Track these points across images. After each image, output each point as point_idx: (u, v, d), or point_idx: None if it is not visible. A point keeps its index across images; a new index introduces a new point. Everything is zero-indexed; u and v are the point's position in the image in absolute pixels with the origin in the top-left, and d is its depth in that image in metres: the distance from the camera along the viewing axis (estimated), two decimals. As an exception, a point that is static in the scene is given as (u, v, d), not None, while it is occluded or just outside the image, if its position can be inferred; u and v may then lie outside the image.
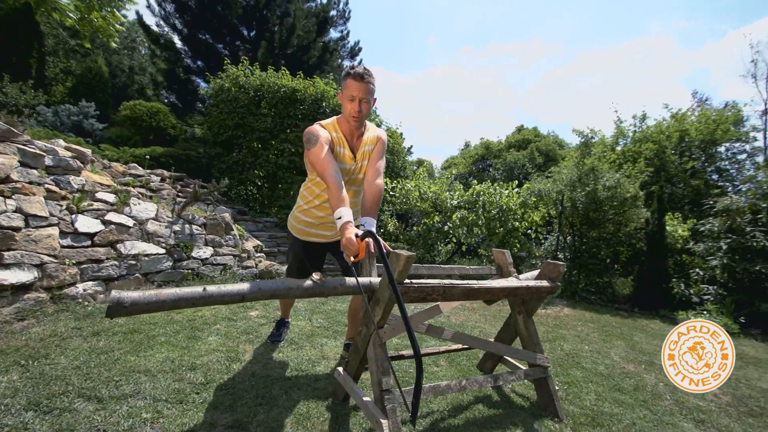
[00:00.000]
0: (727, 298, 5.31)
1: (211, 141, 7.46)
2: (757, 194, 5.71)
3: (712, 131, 10.27)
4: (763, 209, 5.50)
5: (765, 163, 10.38)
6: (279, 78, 7.52)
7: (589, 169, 6.88)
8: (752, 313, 5.03)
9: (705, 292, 5.66)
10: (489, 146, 27.06)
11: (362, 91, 1.90)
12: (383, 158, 2.11)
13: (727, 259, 5.49)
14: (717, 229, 5.83)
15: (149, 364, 2.12)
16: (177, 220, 4.48)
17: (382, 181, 2.05)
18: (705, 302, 5.47)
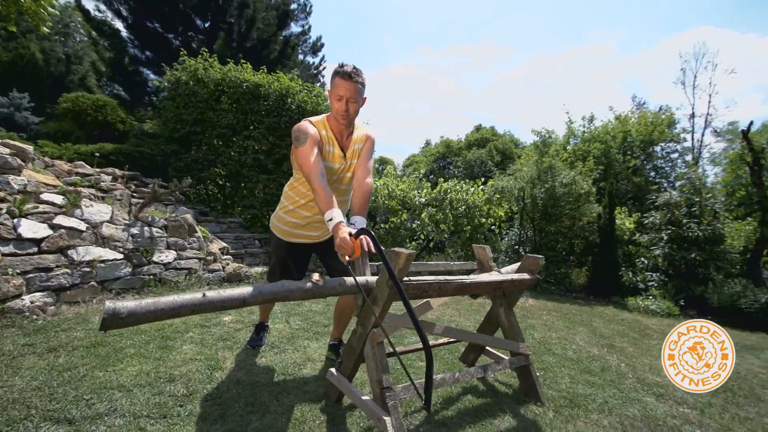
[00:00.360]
0: (668, 283, 5.89)
1: (167, 137, 6.98)
2: (691, 190, 6.38)
3: (650, 132, 11.30)
4: (696, 203, 6.15)
5: (693, 162, 11.61)
6: (241, 72, 7.20)
7: (547, 167, 7.30)
8: (689, 296, 5.62)
9: (649, 278, 6.23)
10: (449, 144, 27.77)
11: (350, 90, 1.88)
12: (372, 157, 2.10)
13: (668, 248, 6.08)
14: (659, 222, 6.44)
15: (122, 379, 1.96)
16: (135, 223, 4.17)
17: (372, 179, 2.04)
18: (650, 288, 6.02)
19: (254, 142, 7.21)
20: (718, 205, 6.26)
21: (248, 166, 7.21)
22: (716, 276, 5.93)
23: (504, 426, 1.88)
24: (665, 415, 2.19)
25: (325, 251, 2.32)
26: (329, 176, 2.00)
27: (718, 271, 6.04)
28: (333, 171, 2.01)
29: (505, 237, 9.36)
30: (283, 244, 2.29)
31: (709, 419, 2.19)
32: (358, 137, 2.07)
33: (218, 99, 7.04)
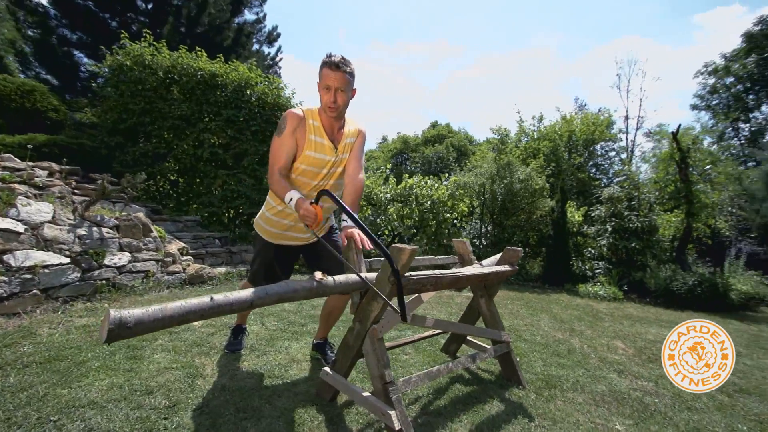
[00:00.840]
0: (613, 270, 6.48)
1: (110, 128, 6.35)
2: (631, 185, 7.05)
3: (591, 132, 12.29)
4: (635, 197, 6.82)
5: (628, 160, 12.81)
6: (194, 60, 6.73)
7: (505, 164, 7.67)
8: (630, 282, 6.23)
9: (596, 267, 6.81)
10: (407, 141, 28.18)
11: (338, 80, 1.84)
12: (363, 152, 2.08)
13: (612, 238, 6.69)
14: (604, 215, 7.05)
15: (91, 395, 1.78)
16: (81, 223, 3.77)
17: (364, 175, 2.02)
18: (597, 275, 6.59)
19: (211, 136, 6.81)
20: (652, 198, 6.99)
21: (204, 160, 6.80)
22: (652, 262, 6.64)
23: (494, 410, 1.97)
24: (628, 388, 2.42)
25: (313, 254, 2.25)
26: (319, 170, 1.96)
27: (653, 258, 6.75)
28: (324, 164, 1.96)
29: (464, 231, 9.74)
30: (271, 246, 2.20)
31: (663, 389, 2.46)
32: (350, 131, 2.02)
33: (169, 88, 6.54)
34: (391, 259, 1.48)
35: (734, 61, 18.05)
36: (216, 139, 6.89)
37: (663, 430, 1.94)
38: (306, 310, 3.70)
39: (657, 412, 2.12)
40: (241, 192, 6.75)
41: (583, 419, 1.96)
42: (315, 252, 2.23)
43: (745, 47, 17.61)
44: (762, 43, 16.97)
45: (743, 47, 17.73)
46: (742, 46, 17.78)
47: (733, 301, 5.66)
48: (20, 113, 6.30)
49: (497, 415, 1.93)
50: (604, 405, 2.16)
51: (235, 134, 6.80)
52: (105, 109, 6.37)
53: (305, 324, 3.26)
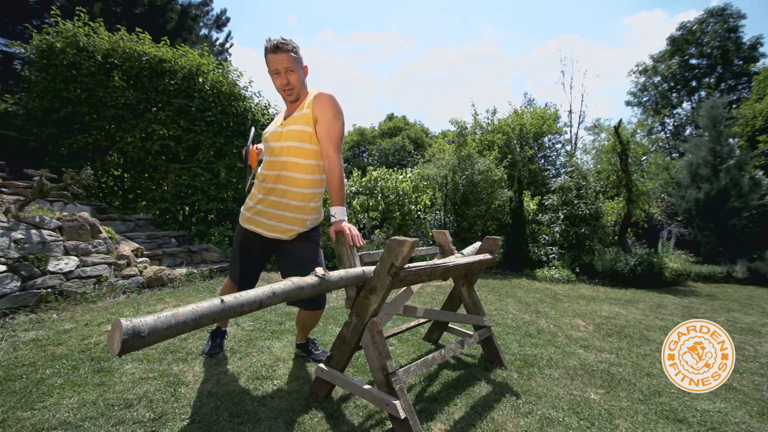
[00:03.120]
0: (565, 255, 6.99)
1: (40, 118, 5.63)
2: (579, 175, 7.61)
3: (540, 125, 13.05)
4: (583, 186, 7.38)
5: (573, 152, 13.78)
6: (138, 43, 6.16)
7: (466, 156, 7.93)
8: (581, 265, 6.76)
9: (550, 252, 7.30)
10: (363, 133, 28.05)
11: (284, 61, 1.81)
12: (337, 125, 1.82)
13: (564, 225, 7.20)
14: (556, 203, 7.56)
15: (61, 416, 1.61)
16: (17, 225, 3.35)
17: (340, 157, 1.84)
18: (552, 260, 7.07)
19: (160, 127, 6.30)
20: (598, 187, 7.62)
21: (154, 153, 6.29)
22: (598, 246, 7.25)
23: (484, 392, 2.07)
24: (595, 361, 2.65)
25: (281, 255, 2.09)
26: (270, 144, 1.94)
27: (599, 242, 7.38)
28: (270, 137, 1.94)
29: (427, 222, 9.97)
30: (242, 230, 2.12)
31: (624, 360, 2.72)
32: (305, 103, 1.86)
33: (109, 74, 5.93)
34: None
35: (660, 62, 20.05)
36: (166, 131, 6.39)
37: (630, 395, 2.15)
38: (281, 308, 3.60)
39: (623, 380, 2.35)
40: (197, 187, 6.35)
41: (563, 392, 2.12)
42: (283, 253, 2.08)
43: (670, 50, 19.63)
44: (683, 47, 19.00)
45: (668, 50, 19.76)
46: (667, 49, 19.79)
47: (666, 278, 6.36)
48: None
49: (487, 395, 2.02)
50: (578, 378, 2.35)
51: (188, 125, 6.35)
52: (32, 97, 5.64)
53: (283, 322, 3.18)
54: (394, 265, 1.55)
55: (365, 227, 7.91)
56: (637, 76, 21.42)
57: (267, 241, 2.09)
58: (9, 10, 9.34)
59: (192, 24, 11.68)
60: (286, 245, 2.05)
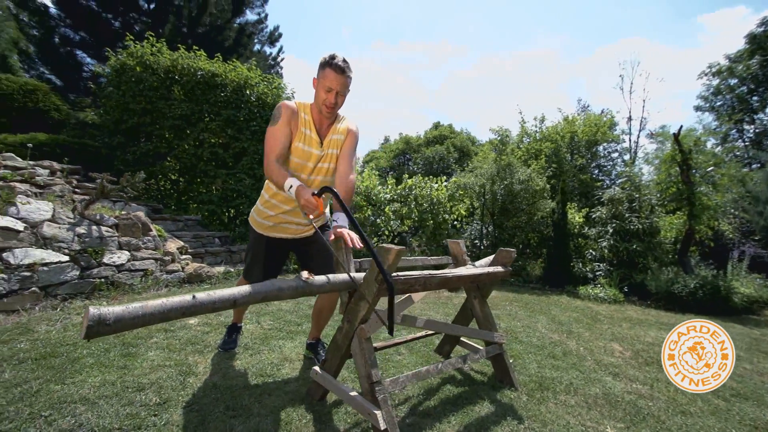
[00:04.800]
0: (613, 272, 6.44)
1: (112, 128, 6.40)
2: (632, 186, 7.00)
3: (594, 133, 12.22)
4: (636, 199, 6.77)
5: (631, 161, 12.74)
6: (194, 60, 6.77)
7: (506, 165, 7.65)
8: (631, 284, 6.18)
9: (597, 269, 6.77)
10: (408, 141, 28.16)
11: (341, 84, 1.89)
12: (355, 153, 2.09)
13: (613, 240, 6.64)
14: (605, 216, 7.01)
15: (83, 392, 1.80)
16: (81, 221, 3.81)
17: (355, 176, 2.03)
18: (598, 277, 6.55)
19: (211, 135, 6.85)
20: (654, 200, 6.94)
21: (205, 160, 6.83)
22: (653, 265, 6.58)
23: (484, 411, 1.96)
24: (622, 391, 2.41)
25: (304, 252, 2.28)
26: (306, 163, 1.99)
27: (654, 261, 6.70)
28: (310, 156, 1.99)
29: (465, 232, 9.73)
30: (263, 239, 2.23)
31: (658, 393, 2.44)
32: (339, 128, 2.05)
33: (169, 88, 6.58)
34: (378, 258, 1.49)
35: (738, 63, 17.87)
36: (216, 139, 6.92)
37: (654, 433, 1.92)
38: (303, 310, 3.71)
39: (650, 415, 2.11)
40: (240, 191, 6.78)
41: (574, 422, 1.95)
42: (306, 250, 2.24)
43: (749, 48, 17.44)
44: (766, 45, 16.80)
45: (747, 48, 17.56)
46: (746, 48, 17.61)
47: (735, 305, 5.60)
48: (23, 113, 6.37)
49: (487, 416, 1.92)
50: (597, 408, 2.15)
51: (235, 134, 6.83)
52: (107, 110, 6.42)
53: (301, 323, 3.27)
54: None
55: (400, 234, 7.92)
56: (709, 79, 19.21)
57: (287, 242, 2.24)
58: (96, 35, 10.78)
59: (247, 41, 12.64)
60: (308, 238, 2.23)
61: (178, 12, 11.08)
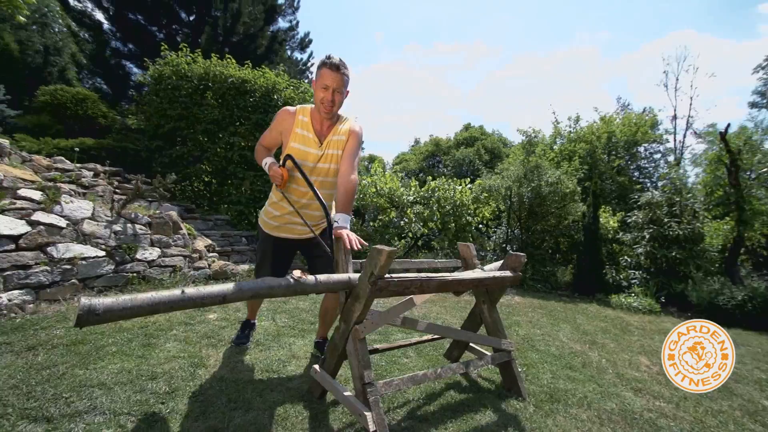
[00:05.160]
0: (650, 281, 6.04)
1: (151, 133, 6.85)
2: (672, 190, 6.54)
3: (633, 133, 11.53)
4: (677, 202, 6.31)
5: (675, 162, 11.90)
6: (225, 67, 7.10)
7: (533, 167, 7.39)
8: (669, 294, 5.77)
9: (632, 276, 6.38)
10: (438, 143, 27.90)
11: (336, 81, 1.92)
12: (358, 153, 2.11)
13: (650, 246, 6.23)
14: (641, 221, 6.60)
15: (102, 377, 1.93)
16: (117, 219, 4.09)
17: (356, 176, 2.05)
18: (632, 285, 6.17)
19: (240, 139, 7.13)
20: (697, 204, 6.44)
21: (235, 162, 7.12)
22: (696, 274, 6.11)
23: (485, 420, 1.91)
24: (642, 408, 2.25)
25: (308, 253, 2.33)
26: (304, 162, 2.03)
27: (697, 269, 6.21)
28: (307, 156, 2.05)
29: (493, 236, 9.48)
30: (270, 238, 2.30)
31: (684, 412, 2.26)
32: (341, 129, 2.08)
33: (203, 94, 6.93)
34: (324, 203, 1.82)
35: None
36: (245, 142, 7.21)
37: (671, 454, 1.79)
38: (318, 309, 3.77)
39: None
40: (267, 192, 7.01)
41: (582, 436, 1.85)
42: (311, 250, 2.29)
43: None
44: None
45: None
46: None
47: (791, 320, 5.08)
48: (75, 119, 6.96)
49: (487, 425, 1.87)
50: (610, 424, 2.02)
51: (264, 137, 7.07)
52: (147, 115, 6.88)
53: (315, 322, 3.32)
54: (374, 273, 1.55)
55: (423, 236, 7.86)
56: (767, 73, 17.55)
57: (293, 242, 2.29)
58: (142, 46, 11.59)
59: (279, 47, 13.09)
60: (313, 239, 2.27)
61: (214, 22, 11.69)
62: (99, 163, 5.58)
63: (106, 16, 12.04)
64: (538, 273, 7.04)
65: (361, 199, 7.85)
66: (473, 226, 7.25)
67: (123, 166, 6.10)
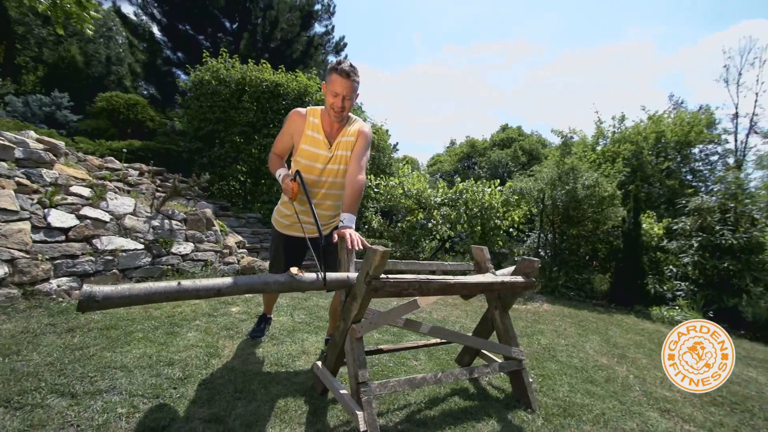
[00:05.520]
0: (698, 293, 5.55)
1: (192, 135, 7.31)
2: (726, 194, 5.97)
3: (686, 133, 10.65)
4: (731, 209, 5.75)
5: (735, 165, 10.85)
6: (260, 72, 7.41)
7: (569, 168, 7.04)
8: (721, 309, 5.27)
9: (677, 288, 5.89)
10: (474, 144, 27.35)
11: (346, 88, 1.94)
12: (367, 154, 2.13)
13: (698, 256, 5.73)
14: (689, 228, 6.07)
15: (125, 360, 2.09)
16: (156, 215, 4.40)
17: (365, 176, 2.07)
18: (677, 298, 5.70)
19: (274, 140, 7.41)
20: (756, 211, 5.82)
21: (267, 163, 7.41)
22: (753, 288, 5.52)
23: (486, 430, 1.85)
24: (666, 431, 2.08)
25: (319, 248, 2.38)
26: (314, 164, 2.08)
27: (755, 283, 5.62)
28: (317, 158, 2.09)
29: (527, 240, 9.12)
30: (281, 236, 2.37)
31: (715, 438, 2.06)
32: (350, 131, 2.11)
33: (239, 98, 7.28)
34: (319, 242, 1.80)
35: None
36: (278, 144, 7.48)
37: (691, 483, 1.64)
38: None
39: (693, 461, 1.79)
40: (297, 193, 7.23)
41: (591, 454, 1.74)
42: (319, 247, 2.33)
43: None
44: None
45: None
46: None
47: None
48: (127, 123, 7.57)
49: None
50: (626, 443, 1.89)
51: (295, 139, 7.31)
52: (189, 119, 7.34)
53: (330, 320, 3.38)
54: (369, 273, 1.56)
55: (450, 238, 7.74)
56: None
57: (303, 240, 2.35)
58: (189, 54, 12.38)
59: (314, 52, 13.47)
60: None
61: (253, 29, 12.25)
62: (144, 163, 6.04)
63: (158, 28, 13.01)
64: (571, 280, 6.69)
65: (388, 200, 7.88)
66: (502, 229, 7.03)
67: (166, 166, 6.55)
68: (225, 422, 1.66)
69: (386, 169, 9.77)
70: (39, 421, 1.50)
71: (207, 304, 3.34)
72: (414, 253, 7.48)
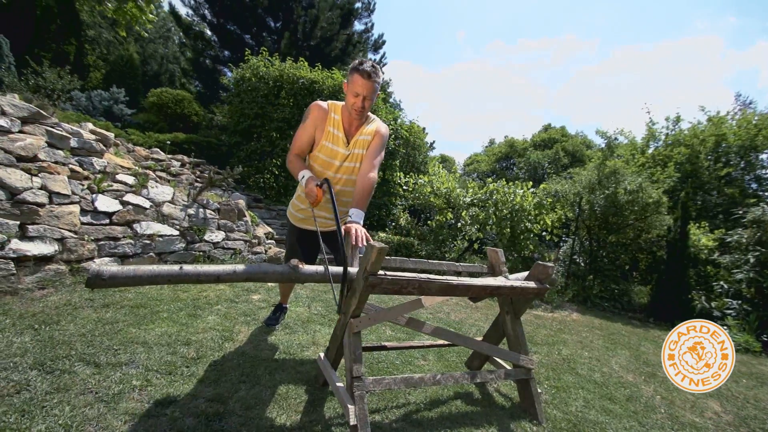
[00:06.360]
0: (752, 314, 5.03)
1: (232, 129, 7.68)
2: (793, 206, 5.34)
3: (752, 137, 9.62)
4: (797, 222, 5.14)
5: (810, 173, 9.66)
6: (297, 69, 7.62)
7: (610, 172, 6.62)
8: (776, 332, 4.75)
9: (728, 306, 5.37)
10: (513, 144, 26.44)
11: (368, 89, 1.95)
12: (381, 153, 2.14)
13: (754, 273, 5.19)
14: (745, 241, 5.51)
15: (148, 337, 2.25)
16: (192, 204, 4.67)
17: (376, 175, 2.08)
18: (726, 317, 5.20)
19: (307, 136, 7.61)
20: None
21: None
22: (820, 312, 4.92)
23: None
24: (687, 458, 1.92)
25: (331, 244, 2.42)
26: (332, 161, 2.11)
27: (822, 306, 5.00)
28: (336, 155, 2.11)
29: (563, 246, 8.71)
30: (295, 229, 2.44)
31: (745, 473, 1.87)
32: (367, 130, 2.12)
33: (277, 94, 7.53)
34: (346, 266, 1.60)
35: None
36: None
37: None
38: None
39: (712, 495, 1.64)
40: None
41: (595, 474, 1.65)
42: (332, 242, 2.37)
43: None
44: None
45: None
46: None
47: None
48: (174, 117, 8.10)
49: (485, 441, 1.76)
50: (638, 467, 1.76)
51: (327, 135, 7.47)
52: (229, 114, 7.72)
53: (345, 314, 3.43)
54: (366, 269, 1.57)
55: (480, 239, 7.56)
56: None
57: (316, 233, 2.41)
58: (235, 52, 12.99)
59: (353, 49, 13.62)
60: (334, 232, 2.36)
61: (294, 28, 12.61)
62: (186, 155, 6.43)
63: (209, 28, 13.75)
64: (606, 290, 6.32)
65: (416, 198, 7.83)
66: (533, 233, 6.75)
67: (207, 158, 6.94)
68: (226, 403, 1.74)
69: (421, 167, 9.70)
70: (64, 385, 1.66)
71: (231, 290, 3.50)
72: (440, 253, 7.38)
